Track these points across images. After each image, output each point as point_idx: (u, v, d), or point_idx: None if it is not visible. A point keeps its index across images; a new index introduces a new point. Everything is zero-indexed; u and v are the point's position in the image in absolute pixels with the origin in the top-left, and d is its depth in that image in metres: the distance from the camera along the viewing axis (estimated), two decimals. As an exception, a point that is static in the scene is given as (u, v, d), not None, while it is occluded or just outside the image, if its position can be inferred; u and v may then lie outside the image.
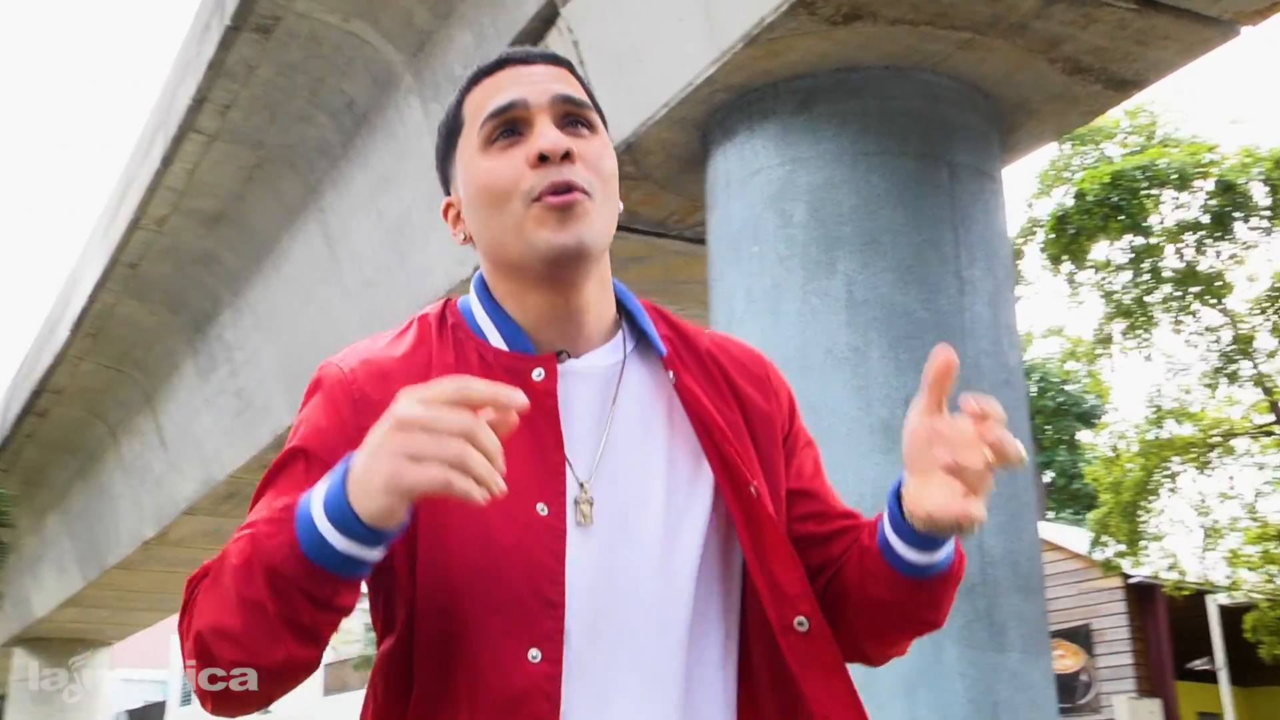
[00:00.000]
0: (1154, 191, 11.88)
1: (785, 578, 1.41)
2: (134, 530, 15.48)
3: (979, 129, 5.87)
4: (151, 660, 43.23)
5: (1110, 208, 11.77)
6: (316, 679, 33.55)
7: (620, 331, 1.53)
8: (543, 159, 1.41)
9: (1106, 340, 13.09)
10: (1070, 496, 25.17)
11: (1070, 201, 12.26)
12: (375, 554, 1.23)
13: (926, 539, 1.38)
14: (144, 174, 10.14)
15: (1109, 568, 13.69)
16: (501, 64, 1.52)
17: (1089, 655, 16.15)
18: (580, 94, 1.50)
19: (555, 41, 6.72)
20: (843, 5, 5.22)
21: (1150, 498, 13.07)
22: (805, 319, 5.42)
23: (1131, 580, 14.92)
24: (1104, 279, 12.95)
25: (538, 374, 1.43)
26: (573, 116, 1.47)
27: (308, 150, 9.26)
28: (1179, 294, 12.56)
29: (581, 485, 1.40)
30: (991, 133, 5.98)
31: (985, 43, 5.50)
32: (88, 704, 23.66)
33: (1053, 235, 12.21)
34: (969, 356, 5.40)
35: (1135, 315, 12.63)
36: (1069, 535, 17.68)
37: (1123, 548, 13.34)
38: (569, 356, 1.47)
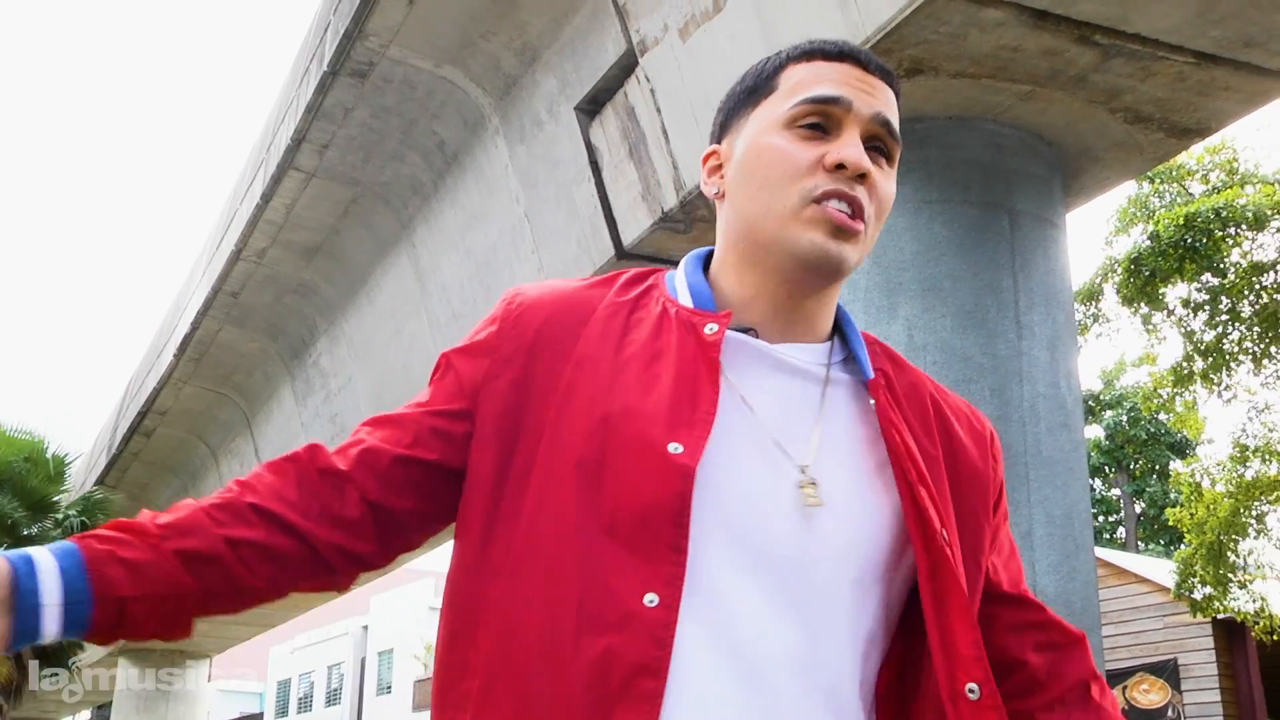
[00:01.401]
0: (1229, 232, 11.85)
1: (963, 638, 1.31)
2: (233, 548, 15.97)
3: (1041, 176, 6.01)
4: (249, 672, 44.05)
5: (1185, 249, 11.74)
6: (405, 694, 33.98)
7: (829, 344, 1.48)
8: (839, 168, 1.39)
9: (1188, 379, 13.00)
10: (1161, 527, 24.83)
11: (1145, 243, 12.26)
12: None
13: None
14: (245, 209, 10.57)
15: (1197, 609, 13.56)
16: (841, 55, 1.47)
17: (1176, 690, 15.96)
18: (896, 124, 1.47)
19: (633, 89, 6.98)
20: (904, 60, 5.41)
21: (1238, 537, 12.93)
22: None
23: (1220, 617, 14.76)
24: (1181, 319, 12.89)
25: (710, 329, 1.39)
26: (879, 142, 1.45)
27: (400, 188, 9.62)
28: (1258, 335, 12.47)
29: (803, 469, 1.34)
30: (1054, 179, 6.11)
31: (1046, 94, 5.65)
32: (187, 714, 24.28)
33: (1128, 277, 12.21)
34: (1026, 400, 5.55)
35: (1214, 356, 12.55)
36: (1157, 567, 17.50)
37: (1209, 590, 13.21)
38: (758, 335, 1.44)
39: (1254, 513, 13.14)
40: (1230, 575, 13.17)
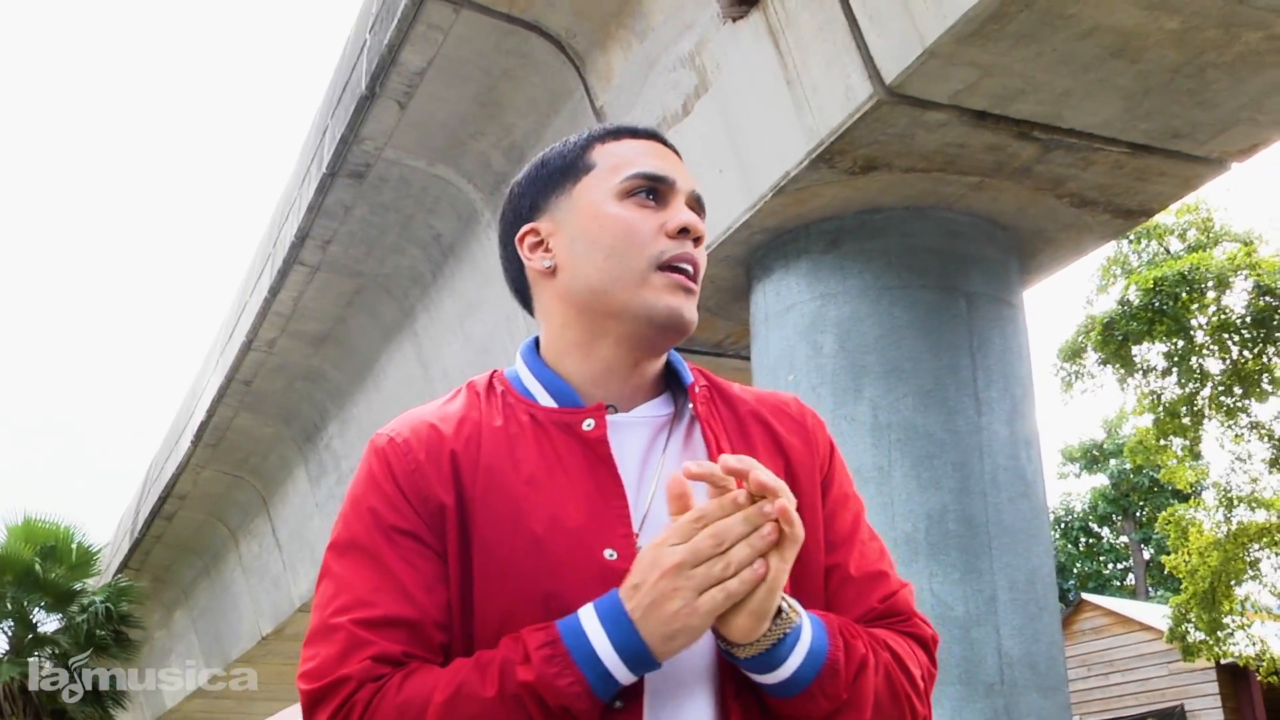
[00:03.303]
0: (1196, 294, 12.21)
1: None
2: (253, 626, 16.31)
3: (996, 259, 6.37)
4: (276, 748, 43.89)
5: (1154, 312, 12.12)
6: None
7: (668, 391, 1.57)
8: (682, 232, 1.50)
9: (1172, 433, 13.30)
10: (1171, 574, 24.96)
11: (1117, 307, 12.63)
12: None
13: (758, 660, 1.35)
14: (254, 301, 11.00)
15: (1189, 654, 13.80)
16: (650, 134, 1.61)
17: (1184, 737, 16.13)
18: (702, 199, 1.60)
19: (613, 186, 7.39)
20: (858, 159, 5.80)
21: (1232, 582, 13.19)
22: (836, 441, 5.93)
23: (1223, 662, 14.95)
24: (1147, 382, 13.25)
25: (588, 424, 1.45)
26: (694, 215, 1.56)
27: (401, 278, 10.03)
28: (1226, 392, 12.85)
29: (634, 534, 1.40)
30: (1010, 261, 6.47)
31: (995, 184, 6.02)
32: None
33: (1102, 340, 12.58)
34: (987, 472, 5.88)
35: (1181, 416, 12.90)
36: (1160, 615, 17.70)
37: (1203, 636, 13.45)
38: (616, 411, 1.50)
39: (1248, 558, 13.39)
40: (1226, 621, 13.40)
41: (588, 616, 1.30)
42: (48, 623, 15.63)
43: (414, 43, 7.51)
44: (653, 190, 1.53)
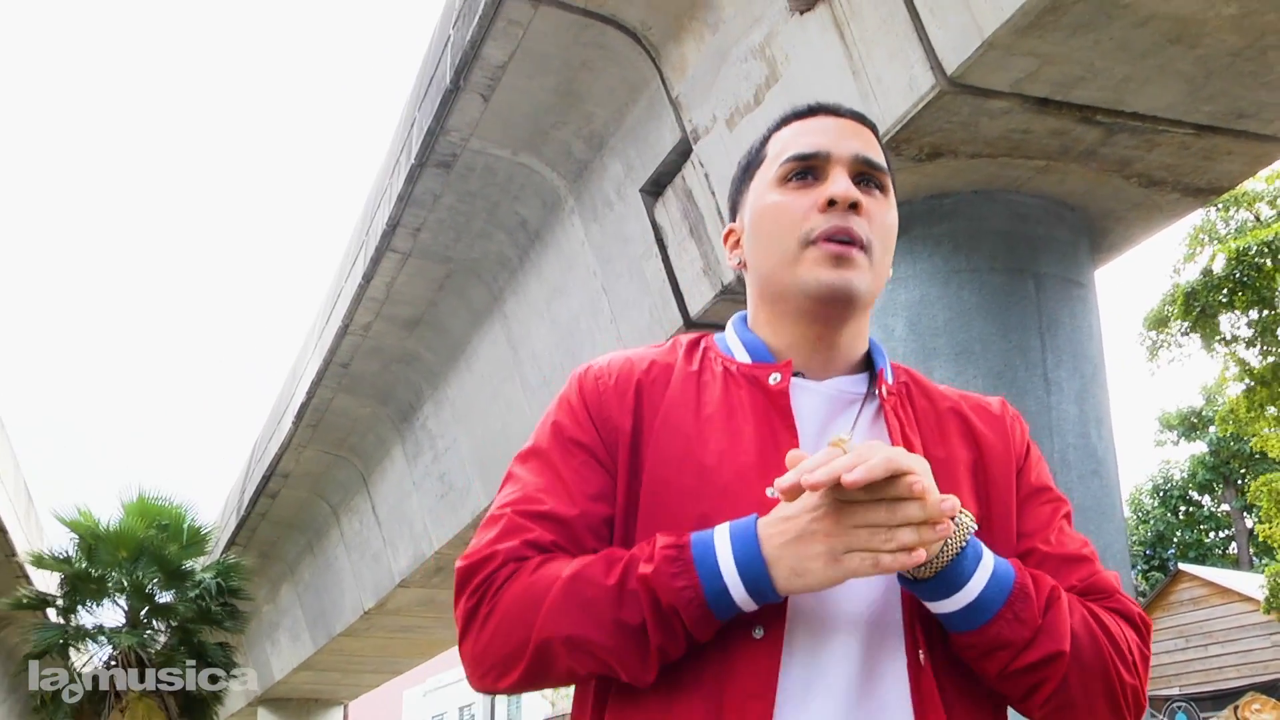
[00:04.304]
0: (1279, 265, 12.04)
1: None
2: (356, 601, 16.79)
3: (1065, 239, 6.45)
4: (382, 716, 44.99)
5: (1235, 283, 11.98)
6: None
7: (867, 372, 1.60)
8: (831, 204, 1.52)
9: (1261, 405, 13.15)
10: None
11: (1199, 278, 12.49)
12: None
13: (939, 581, 1.35)
14: (350, 287, 11.34)
15: (1288, 622, 13.66)
16: (814, 111, 1.63)
17: (1287, 708, 15.93)
18: (879, 157, 1.60)
19: (690, 174, 7.56)
20: (924, 146, 5.91)
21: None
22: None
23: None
24: (1233, 352, 13.08)
25: (774, 378, 1.52)
26: (866, 176, 1.58)
27: (489, 263, 10.30)
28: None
29: None
30: (1079, 241, 6.54)
31: (1061, 167, 6.10)
32: (323, 760, 25.20)
33: (1183, 311, 12.45)
34: (1057, 451, 5.99)
35: (1271, 385, 12.73)
36: (1259, 585, 17.48)
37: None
38: (806, 377, 1.56)
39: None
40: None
41: (721, 531, 1.35)
42: (161, 598, 16.22)
43: (495, 38, 7.74)
44: (807, 170, 1.57)
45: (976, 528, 1.35)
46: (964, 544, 1.33)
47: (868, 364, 1.62)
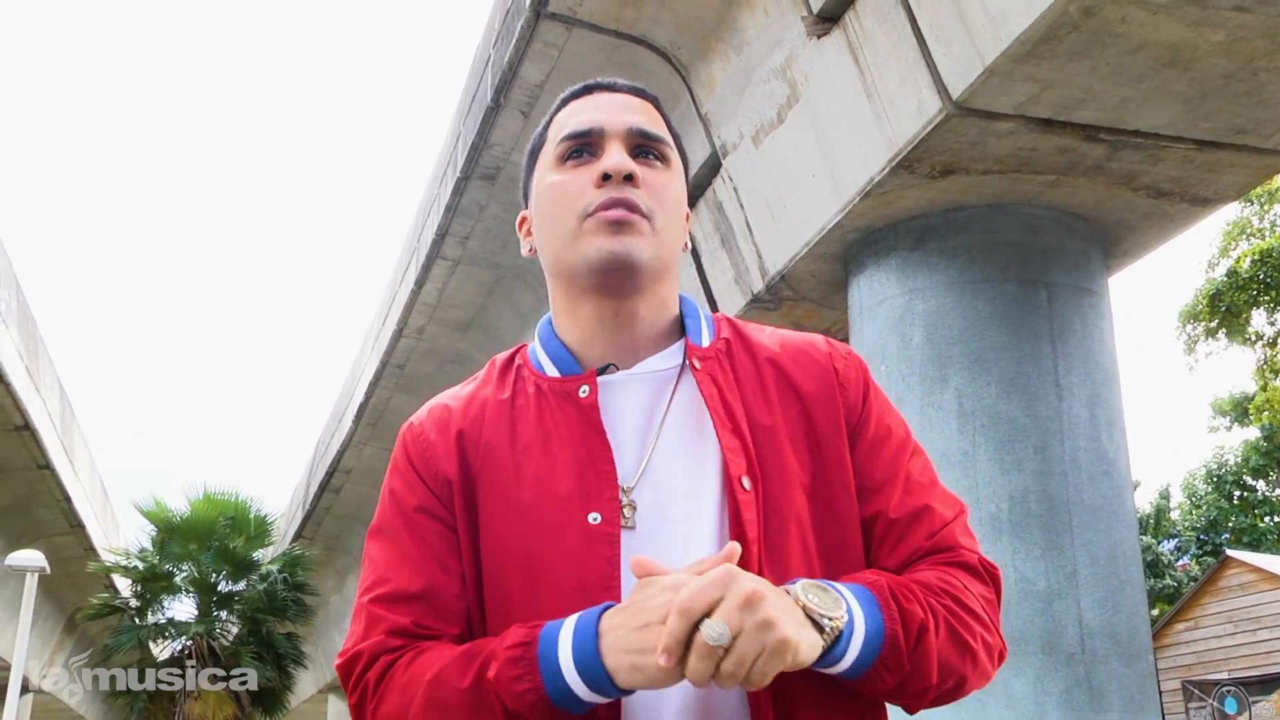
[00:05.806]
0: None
1: None
2: (418, 592, 17.23)
3: (1077, 249, 6.69)
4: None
5: (1259, 284, 12.06)
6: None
7: (681, 342, 1.54)
8: (606, 178, 1.47)
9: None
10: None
11: (1224, 278, 12.56)
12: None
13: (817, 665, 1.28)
14: (403, 293, 11.77)
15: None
16: (588, 89, 1.59)
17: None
18: (657, 129, 1.55)
19: (720, 187, 7.87)
20: (936, 165, 6.19)
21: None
22: (924, 428, 6.37)
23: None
24: (1262, 350, 13.13)
25: (583, 391, 1.47)
26: (645, 148, 1.53)
27: (535, 269, 10.65)
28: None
29: (624, 490, 1.40)
30: (1092, 250, 6.78)
31: (1070, 181, 6.34)
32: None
33: (1210, 310, 12.54)
34: (1067, 454, 6.25)
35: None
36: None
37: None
38: (617, 369, 1.50)
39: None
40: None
41: (567, 625, 1.28)
42: (230, 589, 16.78)
43: (532, 58, 8.09)
44: (583, 147, 1.52)
45: (844, 618, 1.27)
46: (836, 639, 1.27)
47: (680, 332, 1.56)
